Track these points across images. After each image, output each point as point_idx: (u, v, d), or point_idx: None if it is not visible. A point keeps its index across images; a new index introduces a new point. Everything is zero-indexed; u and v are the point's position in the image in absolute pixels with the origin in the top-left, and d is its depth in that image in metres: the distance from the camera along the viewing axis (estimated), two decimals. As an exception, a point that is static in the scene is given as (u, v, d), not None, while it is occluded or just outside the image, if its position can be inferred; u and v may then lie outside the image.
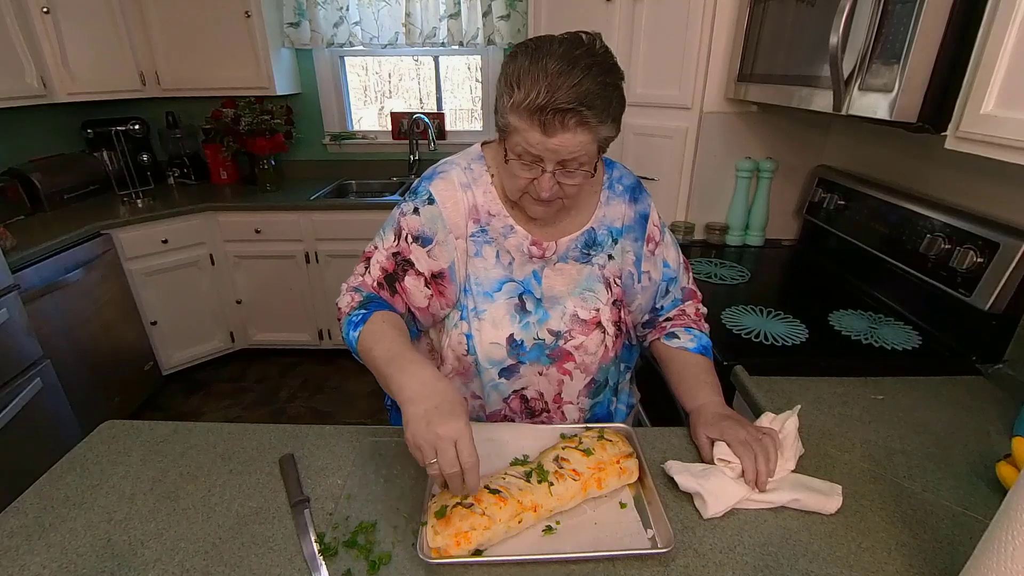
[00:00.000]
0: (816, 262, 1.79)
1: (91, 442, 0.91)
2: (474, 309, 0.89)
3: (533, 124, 0.74)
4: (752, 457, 0.76)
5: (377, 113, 3.33)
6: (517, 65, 0.75)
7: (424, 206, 0.88)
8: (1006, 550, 0.51)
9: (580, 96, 0.72)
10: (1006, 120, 0.82)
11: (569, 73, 0.72)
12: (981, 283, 1.13)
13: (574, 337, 0.91)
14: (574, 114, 0.73)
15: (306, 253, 2.72)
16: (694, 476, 0.77)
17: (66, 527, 0.74)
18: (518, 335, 0.89)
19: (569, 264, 0.93)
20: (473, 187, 0.90)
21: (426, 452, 0.66)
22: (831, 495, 0.75)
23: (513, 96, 0.75)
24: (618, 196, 0.95)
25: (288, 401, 2.70)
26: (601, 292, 0.93)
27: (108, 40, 2.54)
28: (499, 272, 0.90)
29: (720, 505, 0.74)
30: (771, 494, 0.75)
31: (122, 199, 2.66)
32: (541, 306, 0.91)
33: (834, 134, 1.87)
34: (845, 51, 1.09)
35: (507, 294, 0.90)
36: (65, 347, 2.13)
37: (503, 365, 0.90)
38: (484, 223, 0.90)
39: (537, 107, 0.73)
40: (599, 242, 0.94)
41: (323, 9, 2.79)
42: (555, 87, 0.72)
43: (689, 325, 1.01)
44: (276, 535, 0.72)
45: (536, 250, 0.90)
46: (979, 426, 0.95)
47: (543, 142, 0.75)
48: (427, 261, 0.89)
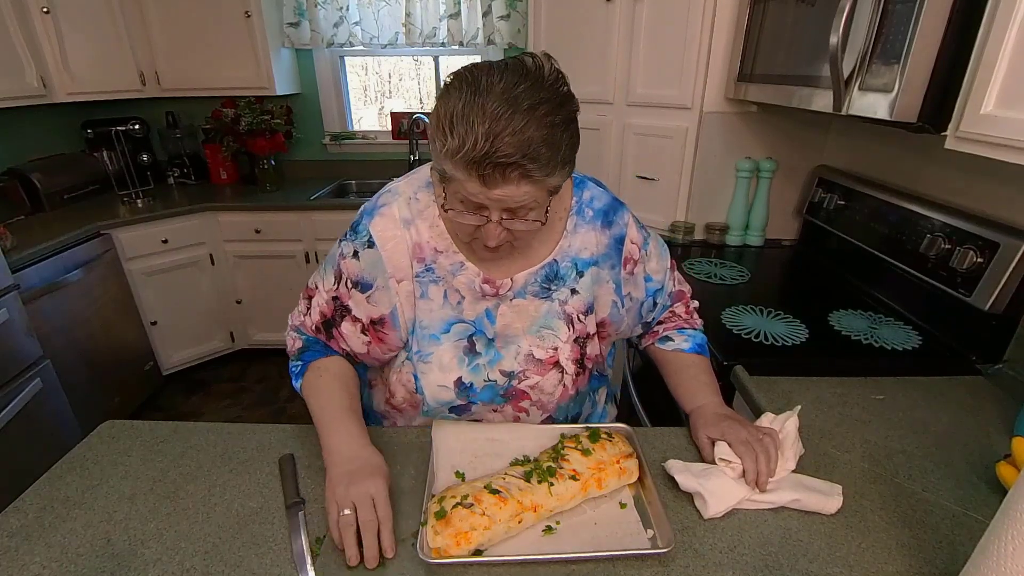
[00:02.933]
0: (816, 262, 1.79)
1: (91, 442, 0.91)
2: (419, 352, 0.84)
3: (471, 175, 0.65)
4: (753, 457, 0.76)
5: (377, 113, 3.33)
6: (451, 105, 0.64)
7: (363, 249, 0.82)
8: (1006, 550, 0.51)
9: (522, 146, 0.62)
10: (1006, 120, 0.82)
11: (510, 118, 0.62)
12: (981, 283, 1.13)
13: (528, 377, 0.86)
14: (516, 167, 0.64)
15: (306, 253, 2.72)
16: (695, 476, 0.77)
17: (66, 527, 0.74)
18: (467, 378, 0.84)
19: (527, 300, 0.85)
20: (417, 221, 0.82)
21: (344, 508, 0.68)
22: (831, 495, 0.75)
23: (447, 143, 0.65)
24: (587, 223, 0.86)
25: (288, 401, 2.70)
26: (561, 330, 0.86)
27: (108, 40, 2.54)
28: (447, 312, 0.84)
29: (721, 505, 0.73)
30: (772, 494, 0.75)
31: (122, 199, 2.66)
32: (492, 346, 0.85)
33: (834, 134, 1.87)
34: (845, 51, 1.09)
35: (455, 336, 0.84)
36: (65, 347, 2.13)
37: (452, 404, 0.86)
38: (430, 261, 0.82)
39: (473, 160, 0.63)
40: (561, 275, 0.85)
41: (323, 9, 2.79)
42: (493, 135, 0.62)
43: (681, 326, 1.00)
44: (276, 535, 0.72)
45: (489, 288, 0.83)
46: (979, 426, 0.95)
47: (484, 192, 0.67)
48: (366, 307, 0.84)
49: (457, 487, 0.73)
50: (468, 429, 0.88)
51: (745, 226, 1.97)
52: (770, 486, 0.75)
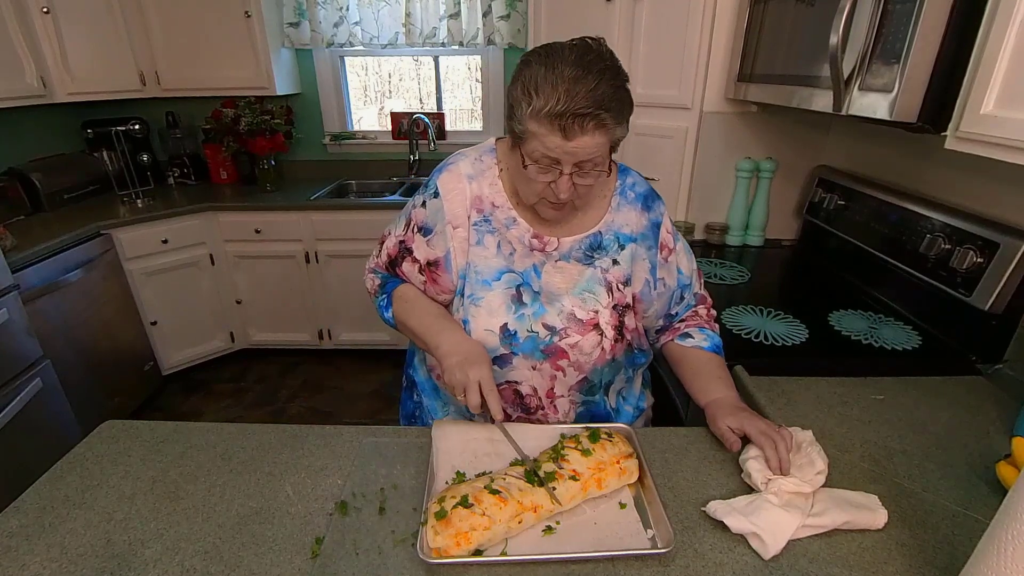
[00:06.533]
0: (816, 262, 1.79)
1: (91, 442, 0.91)
2: (471, 296, 0.92)
3: (553, 129, 0.76)
4: (772, 445, 0.79)
5: (377, 113, 3.33)
6: (532, 72, 0.77)
7: (430, 199, 0.94)
8: (1006, 550, 0.51)
9: (598, 100, 0.74)
10: (1006, 120, 0.82)
11: (585, 79, 0.74)
12: (981, 283, 1.13)
13: (569, 335, 0.91)
14: (592, 118, 0.75)
15: (306, 253, 2.72)
16: (744, 515, 0.72)
17: (66, 527, 0.74)
18: (512, 325, 0.90)
19: (571, 264, 0.94)
20: (479, 178, 0.93)
21: (458, 390, 0.82)
22: (876, 509, 0.73)
23: (532, 103, 0.76)
24: (629, 203, 0.96)
25: (288, 401, 2.70)
26: (601, 295, 0.93)
27: (108, 40, 2.54)
28: (499, 262, 0.92)
29: (780, 541, 0.69)
30: (822, 517, 0.72)
31: (122, 199, 2.66)
32: (538, 300, 0.92)
33: (834, 134, 1.87)
34: (845, 51, 1.09)
35: (505, 284, 0.92)
36: (65, 347, 2.13)
37: (496, 353, 0.91)
38: (488, 213, 0.92)
39: (557, 113, 0.75)
40: (604, 246, 0.94)
41: (323, 9, 2.79)
42: (573, 93, 0.74)
43: (702, 325, 1.03)
44: (276, 535, 0.72)
45: (537, 243, 0.92)
46: (979, 426, 0.95)
47: (562, 145, 0.77)
48: (425, 249, 0.95)
49: (457, 487, 0.73)
50: (468, 429, 0.88)
51: (745, 226, 1.97)
52: (816, 508, 0.73)
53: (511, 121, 0.82)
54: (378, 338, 2.89)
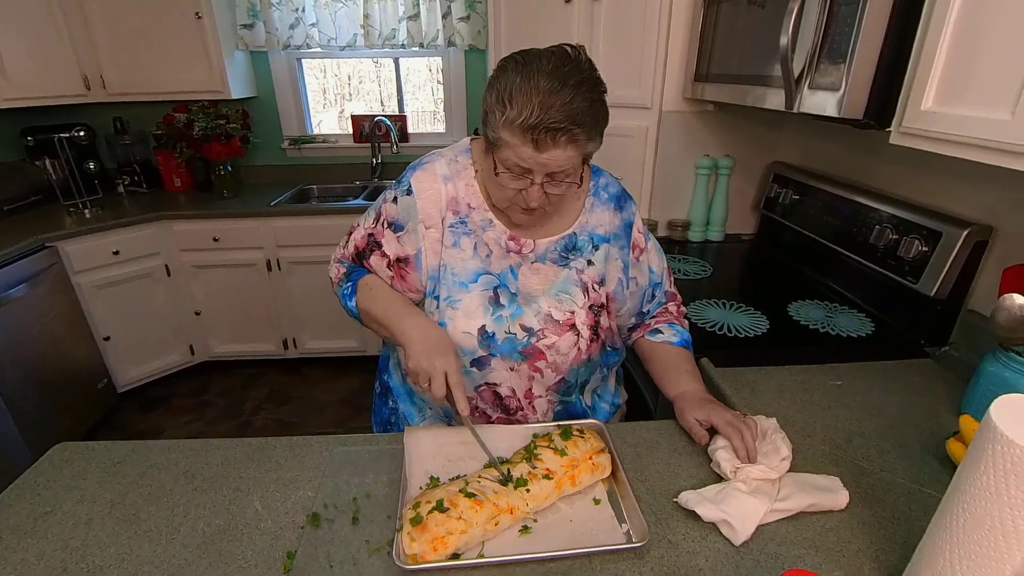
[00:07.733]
0: (774, 255, 1.85)
1: (41, 467, 0.86)
2: (448, 298, 0.91)
3: (526, 140, 0.76)
4: (739, 435, 0.81)
5: (337, 116, 3.27)
6: (508, 81, 0.77)
7: (403, 196, 0.93)
8: (958, 522, 0.54)
9: (571, 115, 0.74)
10: (944, 116, 0.87)
11: (560, 91, 0.74)
12: (926, 271, 1.19)
13: (546, 336, 0.92)
14: (564, 132, 0.75)
15: (267, 261, 2.65)
16: (714, 503, 0.74)
17: (17, 558, 0.70)
18: (490, 327, 0.90)
19: (547, 265, 0.94)
20: (455, 179, 0.92)
21: (422, 378, 0.81)
22: (838, 491, 0.76)
23: (506, 113, 0.76)
24: (603, 204, 0.97)
25: (253, 413, 2.63)
26: (577, 295, 0.94)
27: (48, 43, 2.41)
28: (476, 264, 0.92)
29: (749, 527, 0.71)
30: (788, 501, 0.74)
31: (68, 209, 2.53)
32: (515, 301, 0.92)
33: (787, 131, 1.93)
34: (795, 51, 1.13)
35: (482, 286, 0.91)
36: (10, 367, 2.01)
37: (474, 356, 0.91)
38: (464, 215, 0.92)
39: (530, 125, 0.74)
40: (579, 247, 0.95)
41: (278, 10, 2.72)
42: (547, 105, 0.74)
43: (672, 321, 1.05)
44: (246, 552, 0.70)
45: (513, 244, 0.92)
46: (929, 406, 1.00)
47: (534, 156, 0.77)
48: (395, 245, 0.94)
49: (432, 492, 0.72)
50: (440, 433, 0.88)
51: (706, 222, 2.02)
52: (782, 493, 0.75)
53: (485, 127, 0.82)
54: (346, 345, 2.84)
